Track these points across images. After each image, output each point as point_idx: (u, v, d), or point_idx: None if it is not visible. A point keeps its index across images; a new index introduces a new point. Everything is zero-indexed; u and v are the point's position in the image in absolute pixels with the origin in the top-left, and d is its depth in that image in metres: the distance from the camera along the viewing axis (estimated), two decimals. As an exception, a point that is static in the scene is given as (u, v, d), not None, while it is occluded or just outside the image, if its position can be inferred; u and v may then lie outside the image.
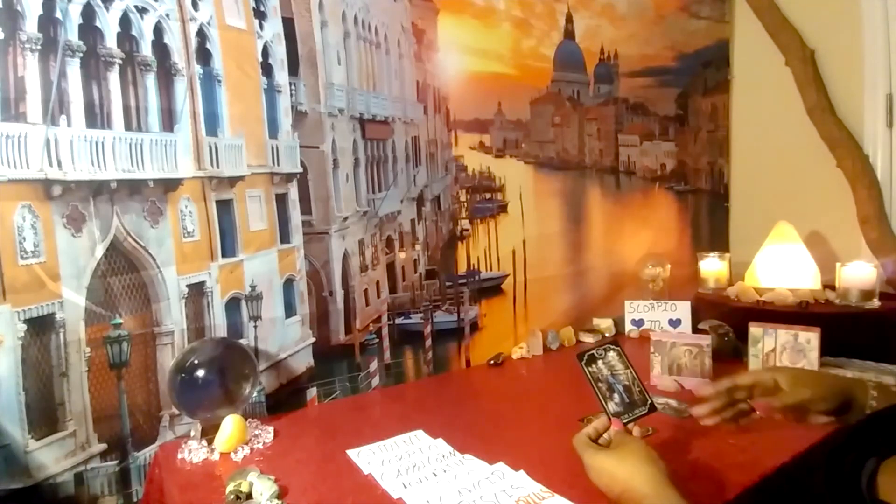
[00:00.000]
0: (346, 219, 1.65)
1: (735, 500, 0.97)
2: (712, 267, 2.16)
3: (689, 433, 1.21)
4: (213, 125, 1.40)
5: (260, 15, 1.48)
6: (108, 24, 1.24)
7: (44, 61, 1.16)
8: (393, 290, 1.78)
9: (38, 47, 1.15)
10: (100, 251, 1.25)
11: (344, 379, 1.64)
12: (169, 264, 1.35)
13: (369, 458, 1.16)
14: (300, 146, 1.55)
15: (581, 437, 0.89)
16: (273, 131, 1.51)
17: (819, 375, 0.98)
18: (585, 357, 0.98)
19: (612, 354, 0.99)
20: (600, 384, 0.96)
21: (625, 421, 0.92)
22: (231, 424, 1.20)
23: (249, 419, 1.29)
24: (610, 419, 0.92)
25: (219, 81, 1.41)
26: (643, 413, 0.94)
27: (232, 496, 0.97)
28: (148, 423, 1.34)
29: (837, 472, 0.65)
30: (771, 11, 2.31)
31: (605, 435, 0.91)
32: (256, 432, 1.26)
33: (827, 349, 1.50)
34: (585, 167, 2.29)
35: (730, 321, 1.75)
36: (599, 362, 0.98)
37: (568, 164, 2.24)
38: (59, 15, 1.17)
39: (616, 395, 0.95)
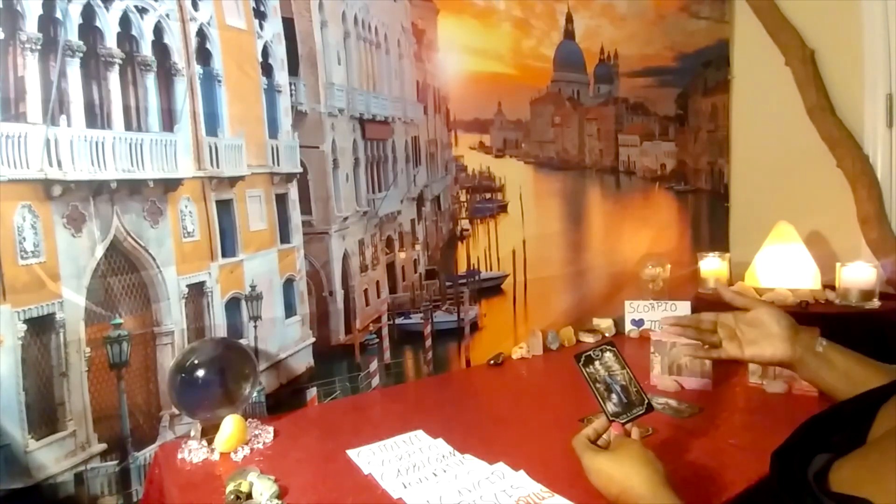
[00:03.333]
0: (346, 219, 1.65)
1: (735, 500, 0.97)
2: (712, 267, 2.16)
3: (688, 433, 1.21)
4: (213, 125, 1.40)
5: (260, 15, 1.48)
6: (108, 24, 1.24)
7: (44, 61, 1.16)
8: (393, 290, 1.78)
9: (38, 47, 1.15)
10: (100, 251, 1.25)
11: (344, 379, 1.64)
12: (169, 264, 1.35)
13: (369, 458, 1.16)
14: (300, 146, 1.55)
15: (580, 439, 0.90)
16: (273, 131, 1.51)
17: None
18: (583, 358, 0.98)
19: (608, 355, 0.99)
20: (598, 385, 0.96)
21: (623, 421, 0.93)
22: (231, 424, 1.20)
23: (249, 419, 1.29)
24: (609, 420, 0.92)
25: (219, 81, 1.41)
26: (641, 413, 0.95)
27: (232, 496, 0.97)
28: (148, 423, 1.34)
29: (788, 469, 0.65)
30: (771, 11, 2.31)
31: (605, 436, 0.91)
32: (256, 432, 1.26)
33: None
34: (585, 167, 2.29)
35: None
36: (596, 363, 0.98)
37: (568, 164, 2.24)
38: (59, 15, 1.17)
39: (614, 396, 0.95)
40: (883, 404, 0.68)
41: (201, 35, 1.38)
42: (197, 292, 1.40)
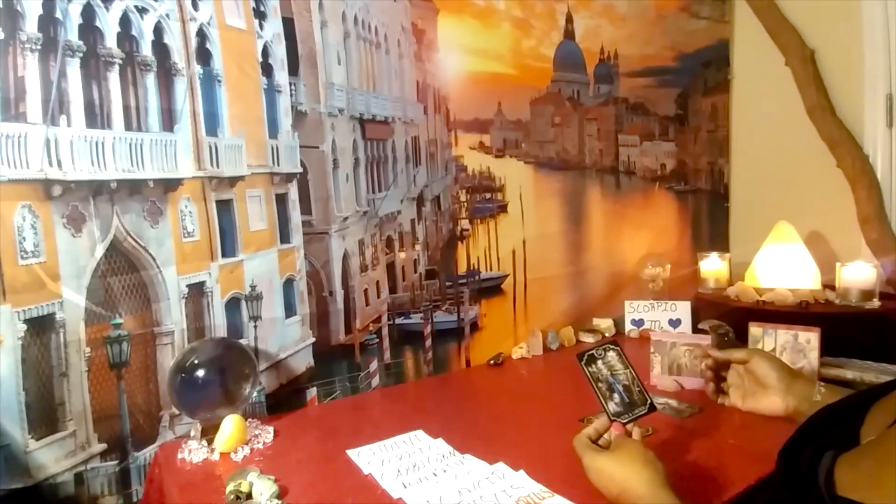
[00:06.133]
0: (346, 219, 1.65)
1: (735, 499, 0.97)
2: (712, 267, 2.16)
3: (689, 433, 1.22)
4: (213, 125, 1.40)
5: (260, 15, 1.48)
6: (108, 24, 1.24)
7: (44, 61, 1.16)
8: (393, 290, 1.78)
9: (38, 47, 1.15)
10: (100, 251, 1.25)
11: (344, 379, 1.64)
12: (169, 264, 1.35)
13: (369, 458, 1.16)
14: (300, 146, 1.55)
15: (581, 439, 0.90)
16: (273, 131, 1.51)
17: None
18: (585, 357, 0.98)
19: (611, 354, 0.99)
20: (600, 384, 0.96)
21: (624, 421, 0.92)
22: (231, 424, 1.20)
23: (249, 419, 1.29)
24: (610, 420, 0.92)
25: (219, 81, 1.41)
26: (643, 413, 0.95)
27: (232, 496, 0.97)
28: (148, 423, 1.34)
29: (793, 469, 0.65)
30: (771, 11, 2.31)
31: (606, 436, 0.91)
32: (256, 432, 1.26)
33: (827, 349, 1.50)
34: (585, 167, 2.29)
35: (730, 321, 1.75)
36: (599, 362, 0.98)
37: (568, 164, 2.24)
38: (59, 15, 1.17)
39: (616, 395, 0.95)
40: (873, 404, 0.68)
41: (201, 35, 1.38)
42: (197, 292, 1.40)
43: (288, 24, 1.52)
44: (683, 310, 1.93)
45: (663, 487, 0.79)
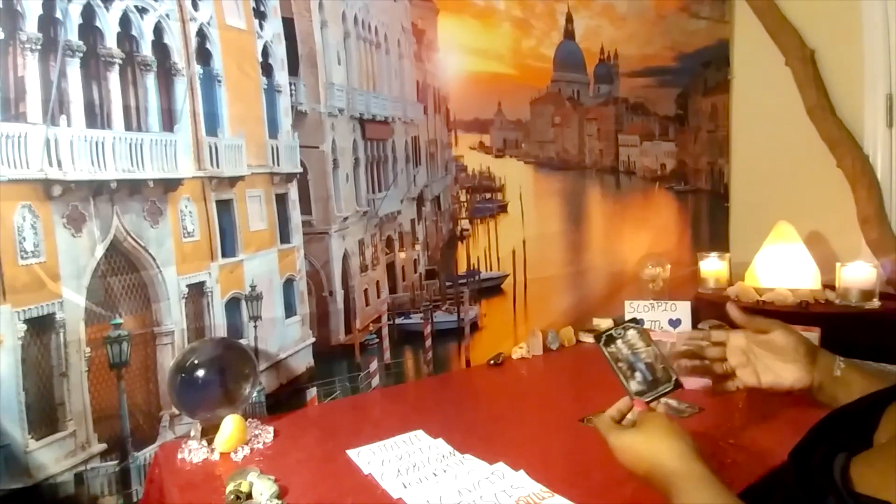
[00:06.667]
0: (346, 219, 1.65)
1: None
2: (712, 267, 2.16)
3: (688, 433, 1.21)
4: (213, 125, 1.40)
5: (260, 15, 1.48)
6: (108, 24, 1.24)
7: (44, 61, 1.16)
8: (393, 290, 1.78)
9: (38, 47, 1.15)
10: (100, 251, 1.25)
11: (344, 379, 1.64)
12: (169, 264, 1.35)
13: (369, 458, 1.16)
14: (300, 146, 1.55)
15: (604, 419, 0.87)
16: (273, 131, 1.51)
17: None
18: (603, 338, 0.93)
19: (631, 333, 0.93)
20: (620, 364, 0.91)
21: (648, 399, 0.88)
22: (231, 424, 1.20)
23: (249, 419, 1.29)
24: (632, 399, 0.88)
25: (219, 81, 1.41)
26: (668, 389, 0.89)
27: (232, 496, 0.96)
28: (148, 423, 1.34)
29: (807, 469, 0.64)
30: (771, 11, 2.31)
31: (629, 416, 0.88)
32: (256, 432, 1.26)
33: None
34: (585, 167, 2.29)
35: (730, 321, 1.75)
36: (619, 342, 0.93)
37: (568, 164, 2.24)
38: (59, 15, 1.17)
39: (638, 374, 0.90)
40: (888, 406, 0.68)
41: (201, 35, 1.38)
42: (197, 292, 1.40)
43: (288, 24, 1.52)
44: (683, 310, 1.92)
45: (695, 460, 0.76)
